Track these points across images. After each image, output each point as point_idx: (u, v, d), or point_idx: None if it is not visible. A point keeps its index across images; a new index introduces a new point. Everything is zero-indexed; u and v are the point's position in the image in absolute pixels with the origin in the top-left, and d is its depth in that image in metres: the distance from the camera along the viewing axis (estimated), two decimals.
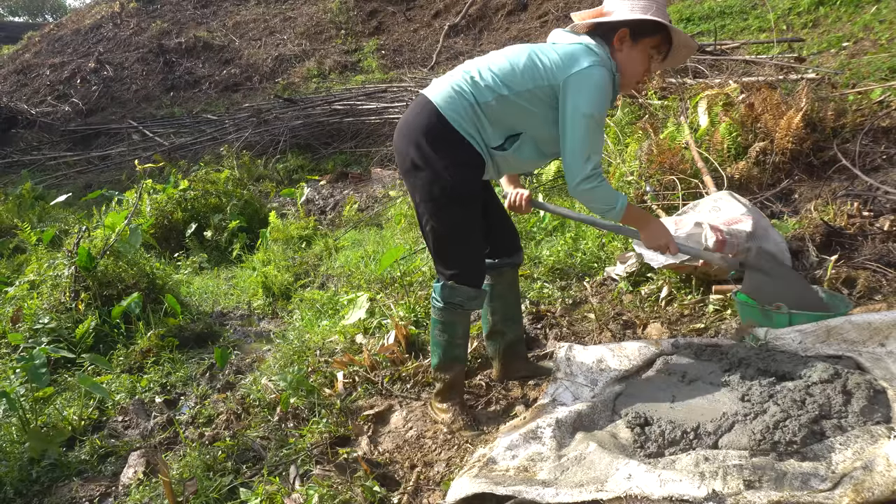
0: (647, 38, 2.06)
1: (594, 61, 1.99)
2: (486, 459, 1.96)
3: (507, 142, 2.10)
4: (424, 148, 2.07)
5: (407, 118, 2.17)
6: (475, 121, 2.06)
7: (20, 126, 12.56)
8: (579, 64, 1.98)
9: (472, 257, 2.24)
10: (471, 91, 2.05)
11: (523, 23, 12.08)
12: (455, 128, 2.05)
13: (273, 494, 2.03)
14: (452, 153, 2.07)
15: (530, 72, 2.02)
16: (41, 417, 2.76)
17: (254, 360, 3.41)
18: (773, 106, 4.03)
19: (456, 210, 2.12)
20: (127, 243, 3.99)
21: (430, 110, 2.07)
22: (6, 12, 32.07)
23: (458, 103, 2.05)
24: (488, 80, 2.04)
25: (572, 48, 2.04)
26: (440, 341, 2.33)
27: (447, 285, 2.21)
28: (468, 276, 2.21)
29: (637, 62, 2.09)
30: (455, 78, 2.10)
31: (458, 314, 2.28)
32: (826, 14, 6.91)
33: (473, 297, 2.24)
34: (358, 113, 9.09)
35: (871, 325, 2.15)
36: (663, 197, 3.90)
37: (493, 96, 2.03)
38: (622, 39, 2.05)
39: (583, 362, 2.40)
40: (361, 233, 5.62)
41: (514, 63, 2.05)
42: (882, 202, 3.45)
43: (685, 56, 2.21)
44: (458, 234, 2.17)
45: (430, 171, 2.08)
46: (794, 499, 1.50)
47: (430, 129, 2.07)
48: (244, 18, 15.90)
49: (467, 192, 2.11)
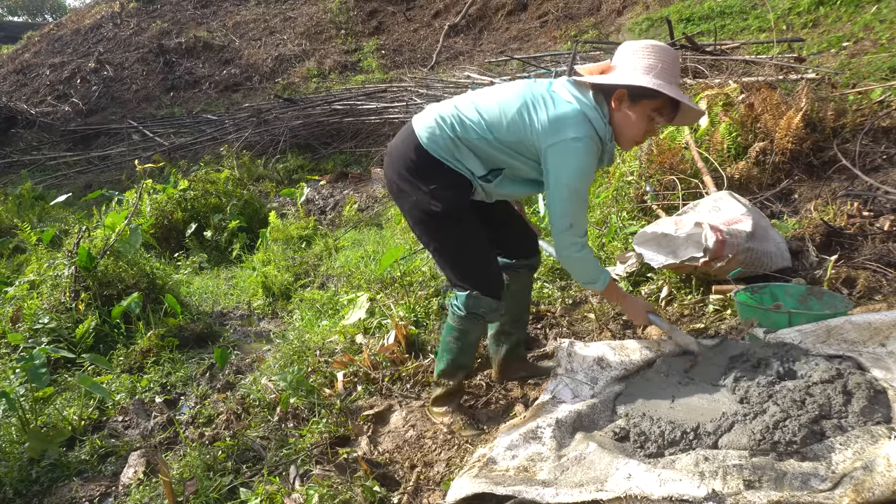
0: (646, 99, 1.97)
1: (580, 133, 1.93)
2: (486, 459, 1.96)
3: (491, 174, 2.11)
4: (407, 176, 2.11)
5: (393, 144, 2.21)
6: (454, 152, 2.08)
7: (20, 126, 12.56)
8: (564, 133, 1.93)
9: (485, 269, 2.24)
10: (456, 126, 2.06)
11: (523, 23, 12.08)
12: (436, 157, 2.07)
13: (273, 494, 2.03)
14: (436, 178, 2.09)
15: (516, 126, 2.01)
16: (41, 417, 2.76)
17: (254, 360, 3.41)
18: (773, 106, 4.03)
19: (451, 230, 2.14)
20: (127, 243, 3.99)
21: (413, 142, 2.11)
22: (6, 12, 32.08)
23: (438, 136, 2.07)
24: (474, 122, 2.05)
25: (564, 112, 1.96)
26: (452, 348, 2.33)
27: (472, 295, 2.20)
28: (486, 287, 2.21)
29: (635, 124, 2.01)
30: (443, 109, 2.12)
31: (477, 324, 2.28)
32: (826, 14, 6.91)
33: (495, 308, 2.24)
34: (358, 113, 9.09)
35: (871, 325, 2.15)
36: (663, 197, 3.90)
37: (476, 136, 2.04)
38: (620, 100, 1.99)
39: (584, 359, 2.39)
40: (361, 233, 5.62)
41: (503, 112, 2.03)
42: (882, 202, 3.45)
43: (693, 119, 2.18)
44: (461, 251, 2.18)
45: (415, 197, 2.11)
46: (794, 499, 1.50)
47: (410, 158, 2.10)
48: (244, 18, 15.90)
49: (456, 210, 2.11)
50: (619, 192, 4.12)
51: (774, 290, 2.69)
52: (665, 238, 3.04)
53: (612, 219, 3.90)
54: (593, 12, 11.29)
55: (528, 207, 4.65)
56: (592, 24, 10.77)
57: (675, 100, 1.96)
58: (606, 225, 3.93)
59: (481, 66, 10.06)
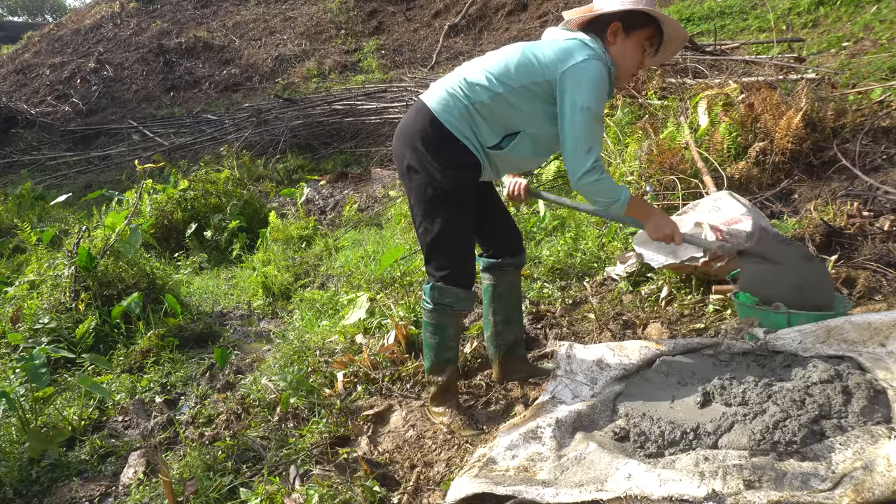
0: (638, 30, 2.07)
1: (590, 55, 1.99)
2: (486, 459, 1.96)
3: (505, 140, 2.11)
4: (420, 151, 2.11)
5: (404, 122, 2.21)
6: (470, 122, 2.08)
7: (20, 126, 12.56)
8: (574, 58, 1.99)
9: (463, 258, 2.25)
10: (466, 93, 2.07)
11: (523, 23, 12.08)
12: (450, 130, 2.07)
13: (273, 494, 2.03)
14: (448, 156, 2.09)
15: (525, 68, 2.04)
16: (41, 417, 2.76)
17: (254, 360, 3.41)
18: (773, 106, 4.03)
19: (450, 211, 2.14)
20: (127, 243, 3.99)
21: (425, 114, 2.11)
22: (6, 12, 32.08)
23: (452, 106, 2.08)
24: (483, 80, 2.06)
25: (567, 44, 2.04)
26: (432, 344, 2.34)
27: (436, 286, 2.22)
28: (458, 276, 2.22)
29: (630, 55, 2.10)
30: (450, 81, 2.13)
31: (448, 316, 2.28)
32: (826, 14, 6.91)
33: (463, 297, 2.25)
34: (358, 113, 9.08)
35: (871, 325, 2.15)
36: (663, 197, 3.90)
37: (489, 95, 2.05)
38: (615, 33, 2.07)
39: (583, 360, 2.40)
40: (361, 233, 5.62)
41: (509, 61, 2.06)
42: (882, 202, 3.45)
43: (677, 48, 2.22)
44: (450, 235, 2.19)
45: (425, 174, 2.11)
46: (794, 499, 1.50)
47: (425, 132, 2.10)
48: (244, 18, 15.90)
49: (462, 193, 2.13)
50: None
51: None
52: None
53: None
54: None
55: (527, 208, 4.65)
56: None
57: (661, 31, 2.09)
58: (606, 225, 3.93)
59: None
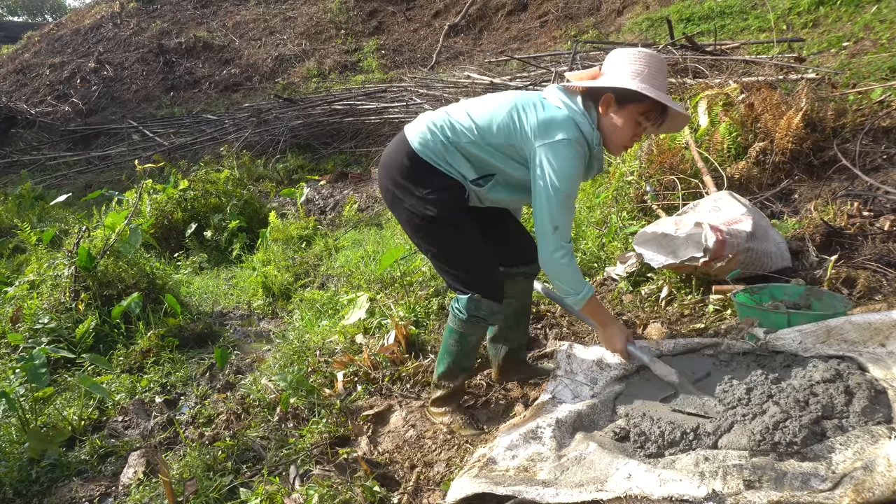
0: (633, 103, 2.00)
1: (569, 136, 1.96)
2: (486, 459, 1.96)
3: (482, 179, 2.13)
4: (401, 183, 2.13)
5: (386, 154, 2.24)
6: (446, 156, 2.10)
7: (20, 126, 12.57)
8: (553, 135, 1.96)
9: (483, 273, 2.23)
10: (448, 133, 2.09)
11: (523, 23, 12.09)
12: (428, 162, 2.09)
13: (273, 494, 2.03)
14: (429, 183, 2.10)
15: (506, 129, 2.04)
16: (41, 417, 2.76)
17: (254, 360, 3.41)
18: (773, 106, 4.03)
19: (446, 232, 2.15)
20: (127, 243, 3.99)
21: (405, 148, 2.13)
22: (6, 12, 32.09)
23: (430, 141, 2.10)
24: (465, 126, 2.08)
25: (553, 116, 2.00)
26: (453, 351, 2.33)
27: (473, 298, 2.20)
28: (486, 289, 2.21)
29: (622, 128, 2.04)
30: (435, 117, 2.15)
31: (478, 327, 2.28)
32: (826, 14, 6.91)
33: (496, 311, 2.24)
34: (358, 113, 9.09)
35: (871, 326, 2.15)
36: (663, 197, 3.90)
37: (468, 141, 2.07)
38: (607, 105, 2.03)
39: (583, 361, 2.40)
40: (361, 233, 5.62)
41: (493, 116, 2.06)
42: (882, 202, 3.44)
43: (680, 126, 2.19)
44: (458, 255, 2.19)
45: (410, 203, 2.13)
46: (794, 499, 1.50)
47: (403, 165, 2.13)
48: (244, 18, 15.91)
49: (451, 213, 2.12)
50: (619, 192, 4.11)
51: (774, 291, 2.69)
52: (665, 238, 3.04)
53: (612, 219, 3.90)
54: (593, 12, 11.30)
55: (527, 207, 4.65)
56: (592, 24, 10.78)
57: (663, 105, 1.99)
58: (606, 225, 3.93)
59: (481, 66, 10.06)
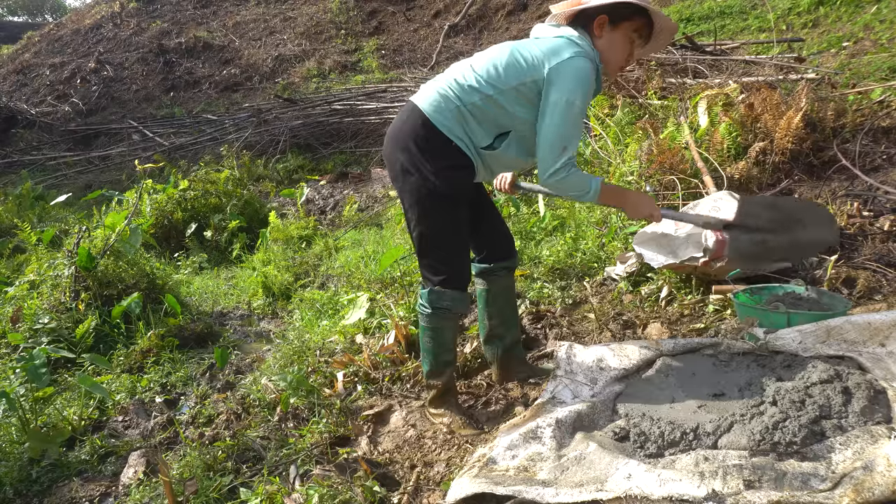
0: (626, 21, 2.05)
1: (576, 52, 1.97)
2: (486, 459, 1.97)
3: (497, 140, 2.11)
4: (413, 153, 2.09)
5: (395, 125, 2.19)
6: (462, 123, 2.07)
7: (20, 126, 12.55)
8: (561, 55, 1.97)
9: (458, 259, 2.24)
10: (456, 94, 2.06)
11: (523, 23, 12.08)
12: (442, 131, 2.07)
13: (273, 494, 2.03)
14: (441, 157, 2.08)
15: (513, 69, 2.03)
16: (41, 417, 2.76)
17: (254, 360, 3.41)
18: (773, 106, 4.03)
19: (444, 212, 2.14)
20: (127, 243, 3.99)
21: (417, 116, 2.10)
22: (6, 12, 32.08)
23: (444, 107, 2.07)
24: (472, 82, 2.06)
25: (554, 42, 2.03)
26: (430, 347, 2.34)
27: (434, 290, 2.21)
28: (454, 278, 2.22)
29: (618, 47, 2.08)
30: (441, 83, 2.12)
31: (446, 318, 2.28)
32: (826, 14, 6.91)
33: (459, 299, 2.24)
34: (358, 113, 9.08)
35: (871, 325, 2.15)
36: (663, 197, 3.90)
37: (479, 97, 2.04)
38: (601, 26, 2.05)
39: (583, 361, 2.40)
40: (361, 233, 5.62)
41: (497, 62, 2.05)
42: (882, 202, 3.45)
43: (666, 40, 2.20)
44: (444, 237, 2.19)
45: (419, 176, 2.10)
46: (794, 499, 1.50)
47: (417, 134, 2.09)
48: (244, 18, 15.90)
49: (455, 193, 2.12)
50: None
51: (774, 291, 2.69)
52: (665, 238, 3.04)
53: (612, 219, 3.90)
54: None
55: (528, 207, 4.65)
56: None
57: (650, 22, 2.06)
58: (606, 225, 3.93)
59: None
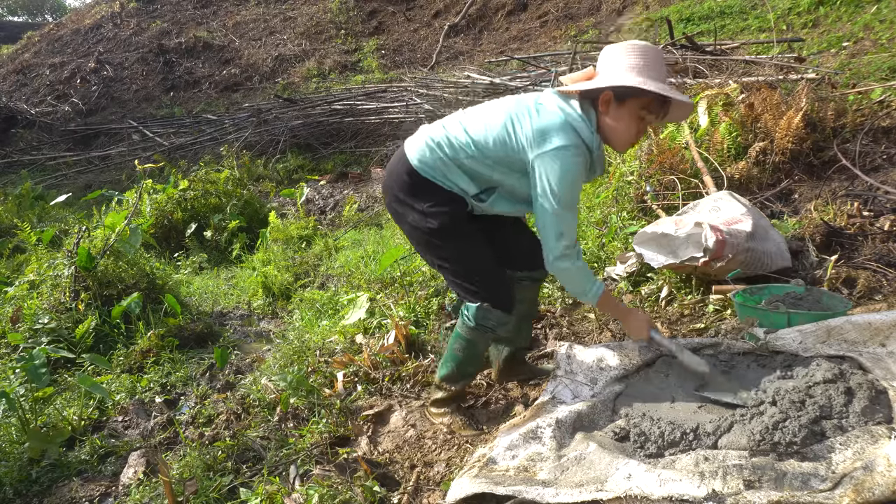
0: (632, 98, 1.95)
1: (567, 142, 1.92)
2: (486, 459, 1.97)
3: (484, 193, 2.11)
4: (402, 197, 2.14)
5: (388, 170, 2.24)
6: (446, 172, 2.09)
7: (20, 126, 12.56)
8: (549, 143, 1.92)
9: (491, 283, 2.21)
10: (445, 148, 2.07)
11: (523, 23, 12.08)
12: (428, 178, 2.09)
13: (273, 494, 2.03)
14: (429, 197, 2.10)
15: (502, 142, 2.01)
16: (41, 417, 2.76)
17: (254, 360, 3.41)
18: (773, 106, 4.03)
19: (450, 245, 2.15)
20: (127, 243, 3.99)
21: (405, 164, 2.12)
22: (6, 12, 32.09)
23: (428, 157, 2.09)
24: (462, 142, 2.06)
25: (549, 122, 1.95)
26: (458, 356, 2.32)
27: (482, 308, 2.19)
28: (495, 300, 2.19)
29: (625, 124, 1.99)
30: (432, 132, 2.13)
31: (485, 336, 2.27)
32: (826, 14, 6.91)
33: (505, 322, 2.23)
34: (358, 113, 9.09)
35: (871, 326, 2.15)
36: (663, 197, 3.90)
37: (465, 156, 2.05)
38: (607, 102, 1.97)
39: (583, 361, 2.40)
40: (361, 233, 5.62)
41: (489, 129, 2.03)
42: (882, 202, 3.44)
43: (682, 115, 2.14)
44: (464, 266, 2.18)
45: (411, 216, 2.13)
46: (794, 499, 1.50)
47: (403, 182, 2.12)
48: (244, 18, 15.90)
49: (452, 224, 2.11)
50: (619, 192, 4.11)
51: (774, 291, 2.69)
52: (665, 238, 3.04)
53: (612, 219, 3.90)
54: (593, 12, 11.29)
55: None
56: (592, 24, 10.78)
57: (664, 96, 1.92)
58: (606, 225, 3.93)
59: (481, 66, 10.06)
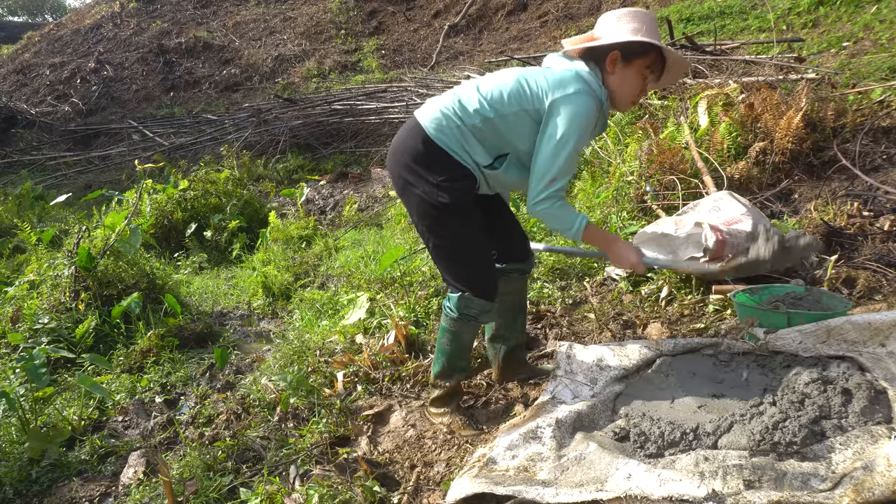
0: (638, 58, 2.06)
1: (581, 88, 1.99)
2: (486, 459, 1.97)
3: (497, 161, 2.13)
4: (414, 169, 2.12)
5: (397, 140, 2.22)
6: (462, 142, 2.09)
7: (20, 126, 12.56)
8: (566, 89, 1.99)
9: (482, 270, 2.24)
10: (459, 114, 2.08)
11: (523, 23, 12.08)
12: (443, 148, 2.08)
13: (273, 494, 2.03)
14: (443, 171, 2.09)
15: (517, 95, 2.04)
16: (41, 417, 2.76)
17: (254, 360, 3.41)
18: (773, 106, 4.03)
19: (454, 224, 2.14)
20: (127, 243, 3.99)
21: (419, 133, 2.12)
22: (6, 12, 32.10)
23: (445, 126, 2.09)
24: (475, 104, 2.07)
25: (562, 75, 2.04)
26: (447, 350, 2.34)
27: (463, 296, 2.21)
28: (481, 288, 2.21)
29: (631, 83, 2.09)
30: (444, 101, 2.14)
31: (469, 325, 2.28)
32: (826, 14, 6.91)
33: (487, 309, 2.24)
34: (358, 113, 9.09)
35: (871, 325, 2.15)
36: (663, 197, 3.90)
37: (480, 119, 2.06)
38: (614, 62, 2.06)
39: (583, 361, 2.40)
40: (361, 233, 5.62)
41: (502, 87, 2.06)
42: (882, 202, 3.45)
43: (680, 74, 2.22)
44: (461, 248, 2.19)
45: (422, 189, 2.11)
46: (794, 499, 1.50)
47: (418, 151, 2.11)
48: (244, 18, 15.90)
49: (461, 205, 2.12)
50: (619, 192, 4.12)
51: (774, 291, 2.69)
52: (665, 238, 3.04)
53: (612, 219, 3.90)
54: (593, 12, 11.29)
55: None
56: (592, 24, 10.76)
57: (662, 57, 2.08)
58: (606, 225, 3.93)
59: (481, 66, 10.06)
